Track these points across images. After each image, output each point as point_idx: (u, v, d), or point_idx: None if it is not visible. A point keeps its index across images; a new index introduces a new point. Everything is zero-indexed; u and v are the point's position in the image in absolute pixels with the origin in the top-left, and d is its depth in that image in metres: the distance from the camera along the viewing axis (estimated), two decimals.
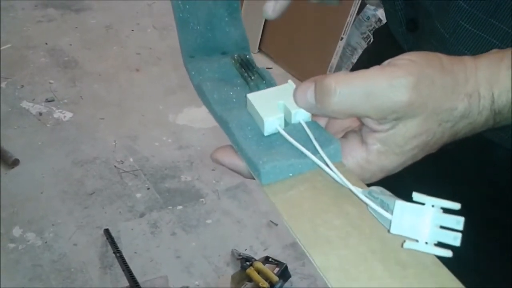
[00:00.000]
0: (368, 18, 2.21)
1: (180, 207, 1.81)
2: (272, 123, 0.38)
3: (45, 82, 2.35)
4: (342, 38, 2.25)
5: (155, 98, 2.32)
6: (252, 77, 0.45)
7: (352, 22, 2.22)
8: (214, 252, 1.66)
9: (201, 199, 1.85)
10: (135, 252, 1.63)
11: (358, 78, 0.34)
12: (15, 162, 1.89)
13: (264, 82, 0.44)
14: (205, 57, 0.48)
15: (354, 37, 2.27)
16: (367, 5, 2.20)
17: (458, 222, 0.28)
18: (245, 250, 1.67)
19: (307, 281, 1.61)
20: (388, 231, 0.31)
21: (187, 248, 1.67)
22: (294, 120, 0.39)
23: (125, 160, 1.97)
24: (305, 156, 0.36)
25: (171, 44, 2.72)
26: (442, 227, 0.29)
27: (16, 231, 1.65)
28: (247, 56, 0.48)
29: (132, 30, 2.84)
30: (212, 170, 1.95)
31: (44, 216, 1.71)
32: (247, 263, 1.57)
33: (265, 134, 0.38)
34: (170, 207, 1.80)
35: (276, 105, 0.39)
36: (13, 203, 1.74)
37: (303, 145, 0.36)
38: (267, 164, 0.35)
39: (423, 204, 0.29)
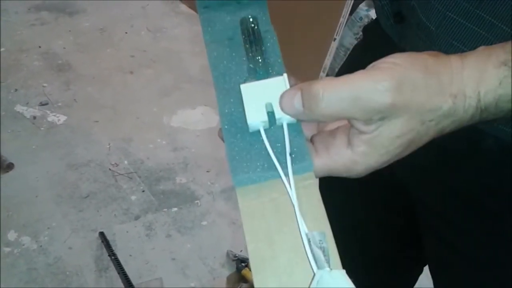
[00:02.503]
0: (361, 18, 2.21)
1: (175, 209, 1.81)
2: (256, 125, 0.40)
3: (38, 85, 2.35)
4: (335, 39, 2.26)
5: (149, 100, 2.32)
6: (254, 47, 0.46)
7: (344, 23, 2.23)
8: (209, 253, 1.67)
9: (196, 201, 1.85)
10: (130, 255, 1.63)
11: (344, 83, 0.35)
12: (10, 166, 1.88)
13: (262, 60, 0.45)
14: (220, 6, 0.48)
15: (347, 37, 2.28)
16: (360, 6, 2.20)
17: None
18: (240, 251, 1.67)
19: None
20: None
21: (182, 250, 1.67)
22: (279, 122, 0.40)
23: (120, 163, 1.97)
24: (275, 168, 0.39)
25: (165, 46, 2.72)
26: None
27: (11, 235, 1.64)
28: (256, 27, 0.47)
29: (126, 32, 2.83)
30: (207, 172, 1.96)
31: (39, 219, 1.71)
32: (243, 264, 1.58)
33: (250, 130, 0.41)
34: (165, 209, 1.81)
35: (264, 105, 0.40)
36: (8, 207, 1.73)
37: (280, 152, 0.39)
38: (239, 176, 0.38)
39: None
